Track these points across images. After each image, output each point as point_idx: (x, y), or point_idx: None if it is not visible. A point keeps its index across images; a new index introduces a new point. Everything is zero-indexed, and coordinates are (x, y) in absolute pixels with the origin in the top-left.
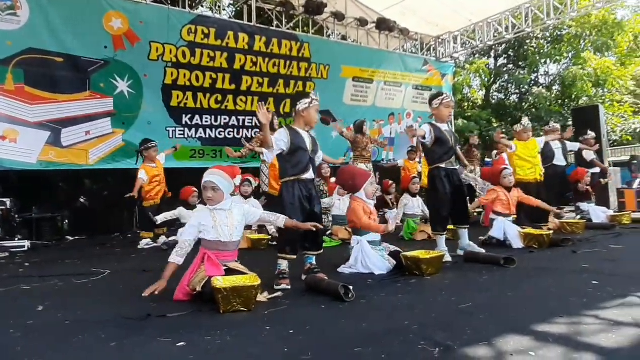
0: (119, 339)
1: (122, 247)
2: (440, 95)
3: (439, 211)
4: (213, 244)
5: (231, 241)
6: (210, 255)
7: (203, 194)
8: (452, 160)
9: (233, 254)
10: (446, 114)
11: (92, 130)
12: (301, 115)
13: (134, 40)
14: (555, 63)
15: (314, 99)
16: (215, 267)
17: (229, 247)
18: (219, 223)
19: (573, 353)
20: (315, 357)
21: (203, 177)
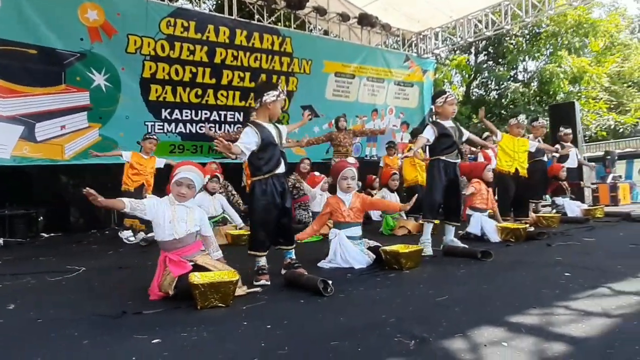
0: (92, 337)
1: (99, 243)
2: (444, 93)
3: (432, 198)
4: (170, 244)
5: (188, 234)
6: (171, 257)
7: (175, 188)
8: (454, 154)
9: (195, 246)
10: (450, 111)
11: (68, 125)
12: (267, 108)
13: (110, 32)
14: (533, 60)
15: (282, 91)
16: (180, 267)
17: (186, 241)
18: (177, 218)
19: (544, 343)
20: (292, 352)
21: (177, 170)
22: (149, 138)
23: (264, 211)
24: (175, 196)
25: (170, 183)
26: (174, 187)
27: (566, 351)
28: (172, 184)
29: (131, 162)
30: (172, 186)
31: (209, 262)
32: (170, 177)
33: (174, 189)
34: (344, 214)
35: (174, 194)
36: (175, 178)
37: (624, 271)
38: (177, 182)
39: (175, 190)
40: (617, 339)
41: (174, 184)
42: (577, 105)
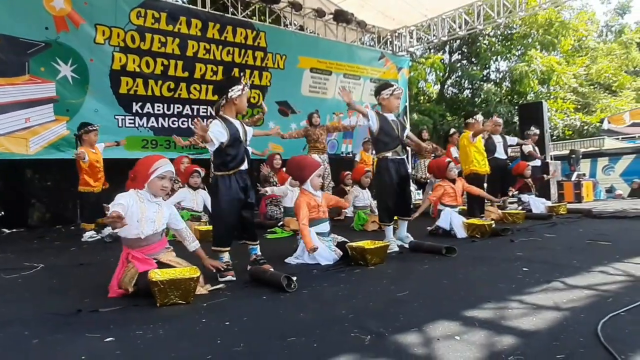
0: (42, 336)
1: (62, 240)
2: (390, 85)
3: (386, 202)
4: (134, 242)
5: (154, 233)
6: (135, 254)
7: (156, 182)
8: (398, 150)
9: (159, 244)
10: (395, 104)
11: (33, 117)
12: (233, 103)
13: (77, 21)
14: (505, 60)
15: (246, 85)
16: (145, 263)
17: (151, 240)
18: (146, 217)
19: (495, 336)
20: (247, 348)
21: (155, 164)
22: (92, 129)
23: (227, 207)
24: (158, 191)
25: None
26: (156, 181)
27: (514, 344)
28: (154, 179)
29: (90, 161)
30: (152, 181)
31: (172, 260)
32: (140, 172)
33: (156, 184)
34: (319, 210)
35: (155, 189)
36: (158, 172)
37: (578, 266)
38: (160, 176)
39: (157, 185)
40: (563, 332)
41: (156, 179)
42: (545, 105)
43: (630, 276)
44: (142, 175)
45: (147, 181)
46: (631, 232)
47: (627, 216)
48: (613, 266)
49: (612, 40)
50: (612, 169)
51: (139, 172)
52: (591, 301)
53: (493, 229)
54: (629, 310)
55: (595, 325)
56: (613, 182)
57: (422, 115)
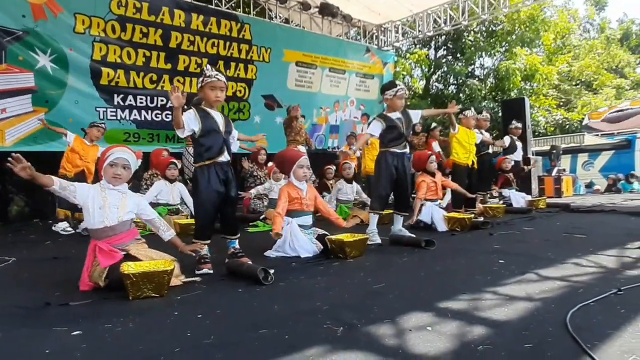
0: (7, 330)
1: (37, 233)
2: (394, 86)
3: (379, 190)
4: (100, 232)
5: (120, 222)
6: (101, 246)
7: (108, 170)
8: (401, 146)
9: (127, 235)
10: (399, 104)
11: (9, 108)
12: (202, 94)
13: (56, 10)
14: (490, 57)
15: (206, 75)
16: (109, 257)
17: (118, 229)
18: (108, 203)
19: (466, 327)
20: (217, 340)
21: (109, 152)
22: (97, 126)
23: (205, 199)
24: (110, 178)
25: (100, 167)
26: (108, 169)
27: (485, 334)
28: (105, 167)
29: (73, 146)
30: (105, 169)
31: (142, 252)
32: (100, 161)
33: (108, 171)
34: (302, 202)
35: (108, 177)
36: (109, 160)
37: (553, 258)
38: (111, 163)
39: (109, 172)
40: (533, 321)
41: (108, 166)
42: (527, 101)
43: (601, 268)
44: (100, 165)
45: (102, 170)
46: (606, 226)
47: (604, 210)
48: (586, 258)
49: (595, 38)
50: (592, 165)
51: (99, 162)
52: (562, 292)
53: (473, 223)
54: (599, 300)
55: (565, 315)
56: (592, 177)
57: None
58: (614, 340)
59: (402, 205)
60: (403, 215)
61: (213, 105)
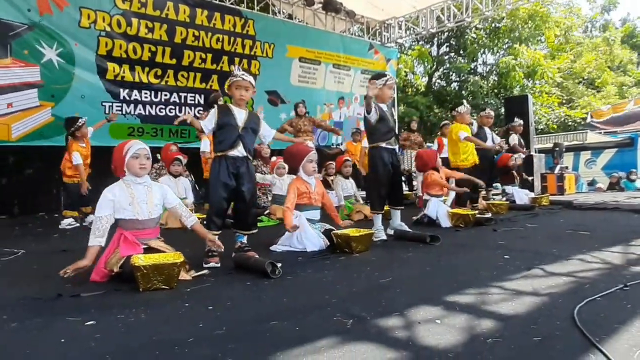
0: (21, 320)
1: (44, 227)
2: (383, 76)
3: (378, 190)
4: (130, 223)
5: (150, 218)
6: (127, 235)
7: (133, 163)
8: (392, 141)
9: (153, 232)
10: (388, 94)
11: (15, 102)
12: (229, 93)
13: (61, 4)
14: (492, 54)
15: (233, 74)
16: (132, 247)
17: (147, 224)
18: (137, 200)
19: (475, 320)
20: (228, 332)
21: (126, 147)
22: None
23: (214, 190)
24: (138, 170)
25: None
26: (132, 161)
27: (493, 327)
28: (129, 160)
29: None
30: (128, 163)
31: (162, 246)
32: (117, 159)
33: (133, 164)
34: (311, 197)
35: (135, 169)
36: (131, 153)
37: (558, 254)
38: (134, 155)
39: (135, 165)
40: (541, 316)
41: (131, 159)
42: (530, 98)
43: (607, 264)
44: (119, 161)
45: (124, 165)
46: (609, 223)
47: (607, 207)
48: (591, 254)
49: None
50: (594, 163)
51: (115, 159)
52: (569, 287)
53: (476, 219)
54: (605, 295)
55: (572, 310)
56: (595, 175)
57: (409, 108)
58: (621, 335)
59: (396, 199)
60: (399, 209)
61: (238, 104)
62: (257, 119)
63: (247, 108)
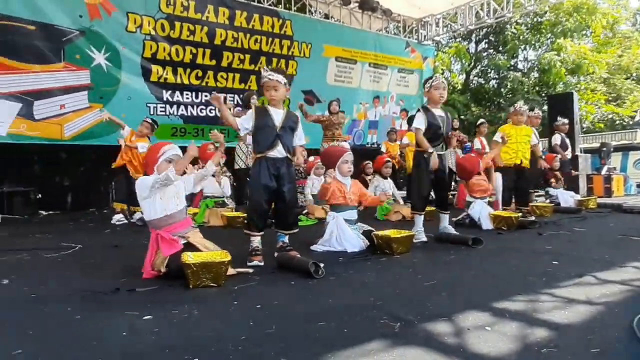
0: (84, 312)
1: (96, 222)
2: (430, 78)
3: (419, 191)
4: (162, 221)
5: (178, 210)
6: (163, 235)
7: (163, 166)
8: (439, 147)
9: (185, 222)
10: (436, 96)
11: (68, 104)
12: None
13: (110, 9)
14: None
15: (262, 75)
16: (171, 245)
17: (177, 217)
18: (167, 195)
19: (527, 328)
20: (278, 331)
21: (162, 150)
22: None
23: (254, 191)
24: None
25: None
26: (164, 164)
27: (548, 336)
28: (162, 162)
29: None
30: (161, 164)
31: (199, 242)
32: (150, 158)
33: (164, 166)
34: (345, 197)
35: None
36: (165, 156)
37: (610, 260)
38: (167, 159)
39: (165, 168)
40: (597, 326)
41: (165, 162)
42: (576, 96)
43: None
44: (152, 161)
45: (156, 165)
46: None
47: None
48: None
49: None
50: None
51: (149, 158)
52: (625, 296)
53: (520, 222)
54: None
55: (631, 320)
56: None
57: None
58: None
59: (442, 204)
60: (446, 213)
61: (273, 104)
62: (295, 118)
63: (284, 107)
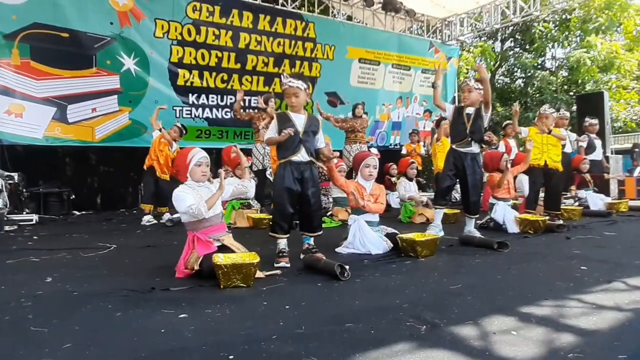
0: (124, 310)
1: (127, 223)
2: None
3: (439, 184)
4: (198, 224)
5: (215, 214)
6: (199, 236)
7: (196, 170)
8: (463, 143)
9: (220, 227)
10: (466, 97)
11: (99, 108)
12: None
13: (139, 16)
14: (562, 47)
15: (282, 82)
16: (206, 246)
17: (213, 221)
18: (203, 200)
19: (553, 333)
20: (308, 331)
21: (190, 154)
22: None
23: (279, 195)
24: (200, 177)
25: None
26: (195, 169)
27: (574, 342)
28: (193, 167)
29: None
30: (192, 170)
31: (233, 244)
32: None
33: (196, 171)
34: (364, 199)
35: (197, 176)
36: (195, 161)
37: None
38: (197, 163)
39: (197, 172)
40: (625, 332)
41: (195, 167)
42: (606, 95)
43: None
44: (182, 167)
45: (187, 171)
46: None
47: None
48: None
49: None
50: None
51: (179, 166)
52: None
53: (547, 225)
54: None
55: None
56: None
57: None
58: None
59: (467, 207)
60: (471, 217)
61: (294, 110)
62: (317, 121)
63: (306, 111)
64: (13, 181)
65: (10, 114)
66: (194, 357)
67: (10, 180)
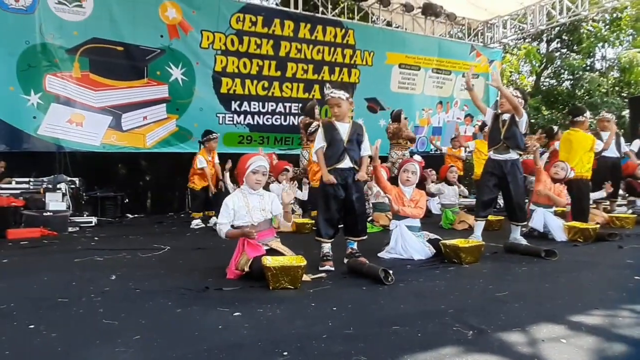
0: (183, 307)
1: (176, 226)
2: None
3: (479, 196)
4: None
5: (264, 220)
6: (249, 240)
7: (251, 177)
8: (500, 148)
9: (270, 232)
10: (501, 102)
11: (149, 116)
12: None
13: (187, 29)
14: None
15: (326, 93)
16: (256, 249)
17: (262, 227)
18: (252, 207)
19: (604, 343)
20: (356, 332)
21: (249, 161)
22: (213, 138)
23: (324, 200)
24: (253, 184)
25: (242, 174)
26: (251, 176)
27: (626, 352)
28: (248, 174)
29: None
30: (247, 176)
31: (281, 247)
32: (240, 169)
33: (251, 178)
34: (404, 205)
35: (251, 183)
36: (251, 168)
37: None
38: (253, 170)
39: (252, 179)
40: None
41: (250, 173)
42: None
43: None
44: (241, 171)
45: (244, 176)
46: None
47: None
48: None
49: None
50: None
51: (239, 169)
52: None
53: (598, 234)
54: None
55: None
56: None
57: None
58: None
59: (512, 214)
60: (516, 224)
61: (337, 120)
62: (361, 129)
63: (349, 120)
64: (75, 186)
65: (72, 123)
66: (251, 352)
67: (72, 185)
